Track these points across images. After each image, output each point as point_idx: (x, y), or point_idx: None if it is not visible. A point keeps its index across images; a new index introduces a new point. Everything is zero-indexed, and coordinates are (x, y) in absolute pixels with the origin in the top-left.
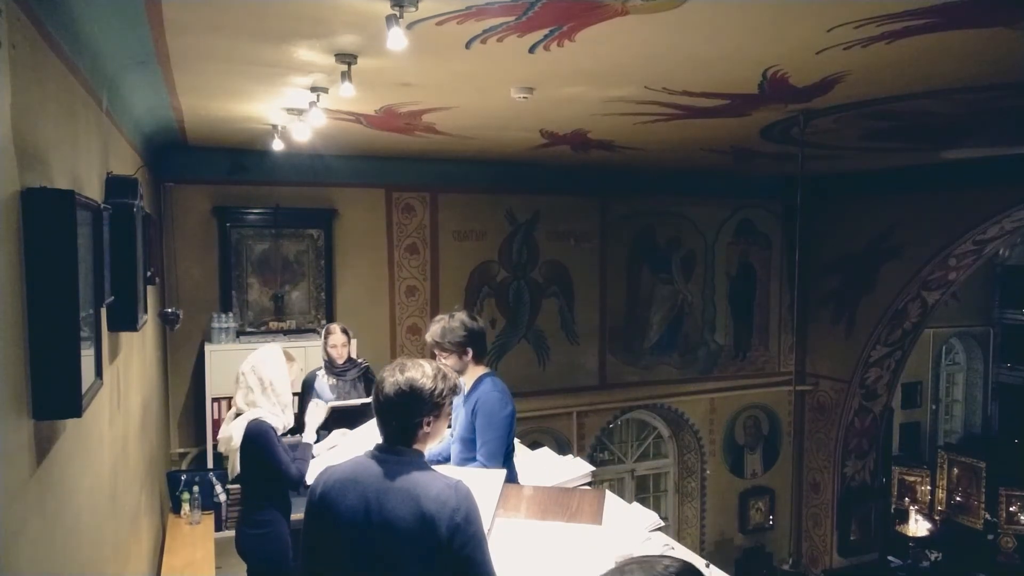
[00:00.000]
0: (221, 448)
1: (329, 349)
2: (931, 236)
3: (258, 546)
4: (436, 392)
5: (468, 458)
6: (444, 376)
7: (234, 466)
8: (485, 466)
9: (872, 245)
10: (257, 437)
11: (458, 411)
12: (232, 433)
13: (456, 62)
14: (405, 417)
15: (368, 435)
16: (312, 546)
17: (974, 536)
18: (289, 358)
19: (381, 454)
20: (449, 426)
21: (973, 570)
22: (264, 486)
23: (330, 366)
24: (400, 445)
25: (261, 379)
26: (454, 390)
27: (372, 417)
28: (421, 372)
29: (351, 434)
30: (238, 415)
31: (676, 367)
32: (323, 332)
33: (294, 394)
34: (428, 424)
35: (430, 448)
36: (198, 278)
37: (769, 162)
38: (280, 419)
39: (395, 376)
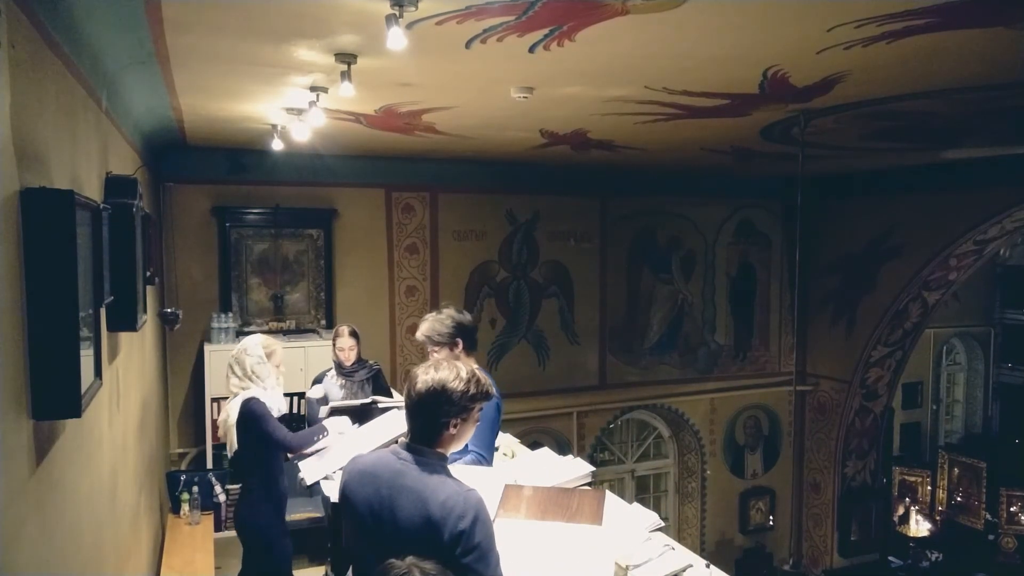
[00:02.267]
0: (220, 433)
1: (337, 352)
2: (931, 236)
3: (252, 523)
4: (467, 395)
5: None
6: (477, 381)
7: (232, 443)
8: (481, 455)
9: (872, 245)
10: (250, 410)
11: None
12: (229, 410)
13: (456, 62)
14: (432, 416)
15: (366, 436)
16: (343, 529)
17: (975, 536)
18: (270, 343)
19: (403, 451)
20: None
21: (974, 571)
22: (259, 462)
23: (339, 368)
24: (423, 444)
25: (243, 368)
26: (486, 396)
27: (374, 417)
28: (455, 374)
29: (348, 433)
30: (234, 397)
31: (676, 367)
32: (333, 334)
33: (298, 393)
34: (454, 426)
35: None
36: (198, 278)
37: (769, 162)
38: (274, 403)
39: (428, 374)
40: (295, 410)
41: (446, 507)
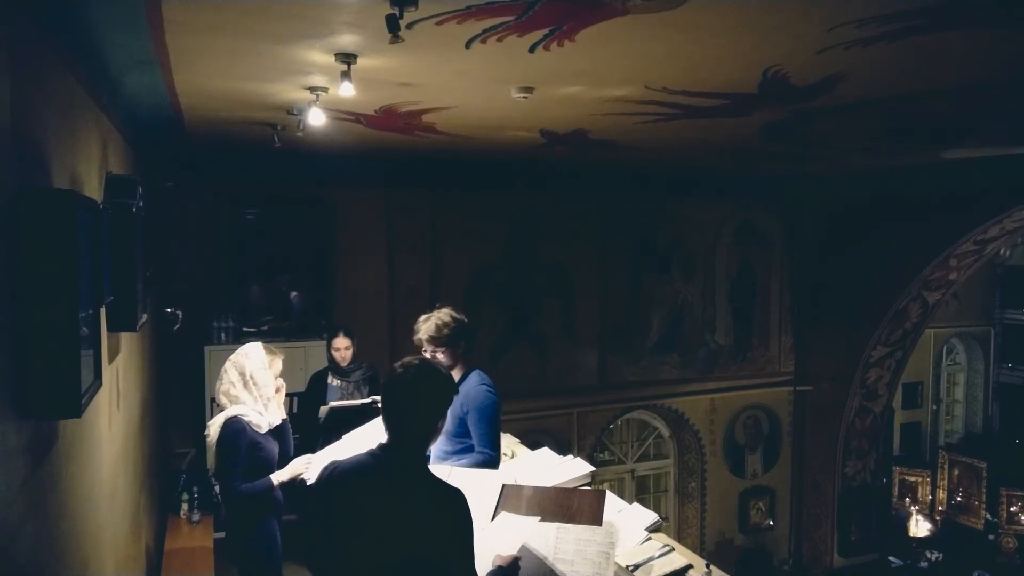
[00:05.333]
0: (207, 443)
1: (332, 352)
2: (931, 236)
3: (244, 546)
4: (454, 390)
5: (452, 451)
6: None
7: (211, 462)
8: (490, 455)
9: (873, 244)
10: (227, 438)
11: None
12: (211, 428)
13: (456, 62)
14: (431, 416)
15: (366, 436)
16: (316, 534)
17: (975, 536)
18: (271, 352)
19: (383, 453)
20: None
21: (974, 571)
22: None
23: (334, 368)
24: (412, 445)
25: (242, 373)
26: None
27: (371, 419)
28: (445, 371)
29: (346, 440)
30: (221, 410)
31: (676, 367)
32: (328, 335)
33: (296, 394)
34: (443, 421)
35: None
36: (198, 278)
37: (770, 162)
38: (264, 417)
39: (428, 376)
40: (294, 410)
41: (432, 507)
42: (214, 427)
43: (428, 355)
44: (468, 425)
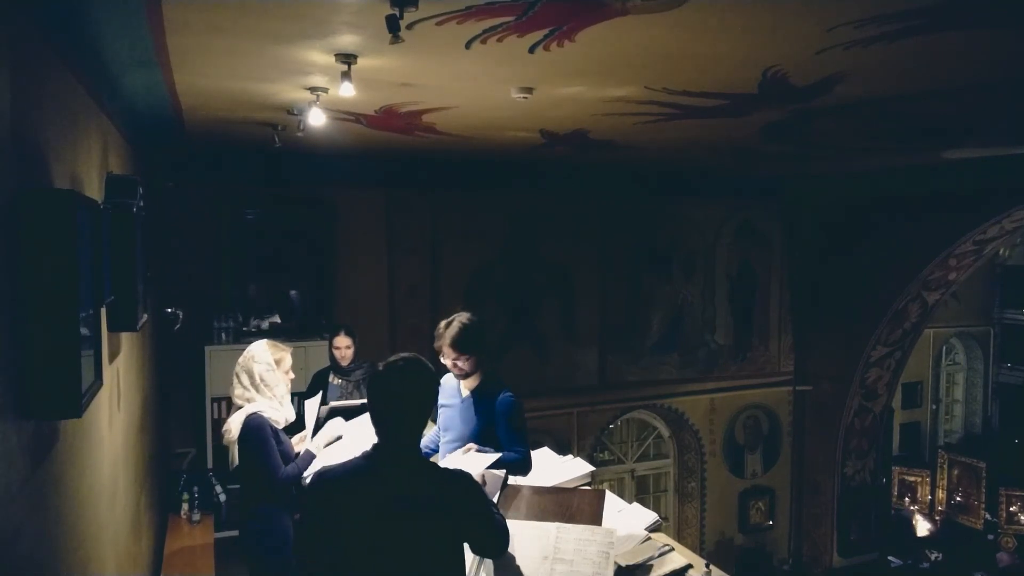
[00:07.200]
0: (224, 441)
1: (333, 351)
2: (931, 236)
3: (259, 541)
4: (438, 380)
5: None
6: None
7: (233, 458)
8: (526, 453)
9: (873, 245)
10: (253, 432)
11: (458, 410)
12: (231, 425)
13: (456, 62)
14: (424, 411)
15: (361, 439)
16: (312, 543)
17: (974, 536)
18: (278, 349)
19: (379, 454)
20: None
21: (974, 571)
22: (261, 480)
23: (336, 367)
24: (407, 441)
25: (251, 375)
26: None
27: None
28: (429, 366)
29: (351, 425)
30: (239, 410)
31: (676, 367)
32: (329, 334)
33: (298, 393)
34: (431, 414)
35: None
36: (198, 278)
37: (770, 162)
38: (280, 412)
39: (420, 372)
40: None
41: (447, 487)
42: (235, 424)
43: (449, 362)
44: (496, 432)
